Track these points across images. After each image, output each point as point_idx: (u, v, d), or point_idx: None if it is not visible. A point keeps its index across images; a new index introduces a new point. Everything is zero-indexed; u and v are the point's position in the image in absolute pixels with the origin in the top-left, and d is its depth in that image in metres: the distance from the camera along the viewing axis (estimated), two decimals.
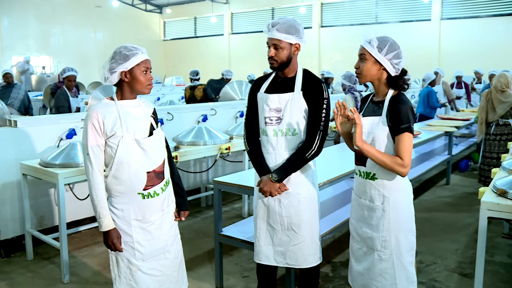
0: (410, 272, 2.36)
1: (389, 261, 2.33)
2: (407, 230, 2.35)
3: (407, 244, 2.34)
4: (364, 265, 2.44)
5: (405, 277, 2.35)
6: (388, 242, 2.32)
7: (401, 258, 2.33)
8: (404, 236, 2.33)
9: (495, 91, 5.49)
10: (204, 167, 5.59)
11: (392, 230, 2.31)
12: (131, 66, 2.15)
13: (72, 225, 4.25)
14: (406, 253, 2.35)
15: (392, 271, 2.34)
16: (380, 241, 2.34)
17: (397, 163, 2.20)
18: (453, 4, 15.91)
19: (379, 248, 2.34)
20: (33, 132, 4.09)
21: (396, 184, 2.31)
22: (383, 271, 2.35)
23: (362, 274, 2.45)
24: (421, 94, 7.98)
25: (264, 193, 2.53)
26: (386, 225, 2.32)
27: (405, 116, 2.20)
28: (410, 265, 2.36)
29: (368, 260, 2.41)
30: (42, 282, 3.52)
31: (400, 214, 2.32)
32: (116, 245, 2.18)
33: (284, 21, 2.47)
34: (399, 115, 2.21)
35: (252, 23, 21.32)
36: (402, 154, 2.20)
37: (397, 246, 2.32)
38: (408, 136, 2.21)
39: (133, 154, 2.16)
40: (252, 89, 2.70)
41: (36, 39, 19.33)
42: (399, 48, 2.25)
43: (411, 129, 2.22)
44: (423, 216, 4.96)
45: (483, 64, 12.26)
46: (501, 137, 5.61)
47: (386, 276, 2.35)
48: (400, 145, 2.21)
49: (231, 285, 3.44)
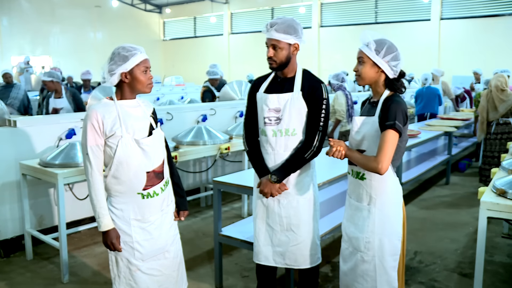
0: (391, 277, 2.33)
1: (371, 263, 2.32)
2: (392, 234, 2.31)
3: (390, 248, 2.31)
4: (349, 265, 2.43)
5: (386, 281, 2.32)
6: (372, 244, 2.30)
7: (384, 261, 2.31)
8: (388, 240, 2.30)
9: (495, 90, 5.50)
10: (204, 167, 5.59)
11: (376, 232, 2.30)
12: (131, 67, 2.15)
13: (72, 225, 4.24)
14: (389, 257, 2.32)
15: (373, 274, 2.32)
16: (363, 242, 2.32)
17: (371, 160, 2.19)
18: (453, 4, 15.91)
19: (362, 249, 2.33)
20: (32, 132, 4.09)
21: (384, 186, 2.29)
22: (364, 272, 2.34)
23: (346, 274, 2.45)
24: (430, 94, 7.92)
25: (265, 195, 2.53)
26: (371, 227, 2.30)
27: (392, 114, 2.19)
28: (392, 270, 2.33)
29: (352, 260, 2.41)
30: (41, 282, 3.52)
31: (386, 217, 2.30)
32: (115, 245, 2.18)
33: (282, 21, 2.47)
34: (387, 113, 2.20)
35: (252, 23, 21.32)
36: (379, 150, 2.19)
37: (380, 249, 2.30)
38: (391, 133, 2.18)
39: (132, 154, 2.16)
40: (252, 89, 2.70)
41: (36, 39, 19.33)
42: (397, 50, 2.25)
43: (396, 127, 2.18)
44: (423, 216, 4.96)
45: (482, 64, 12.26)
46: (502, 136, 5.62)
47: (367, 278, 2.34)
48: (380, 141, 2.21)
49: (231, 285, 3.44)
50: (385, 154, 2.17)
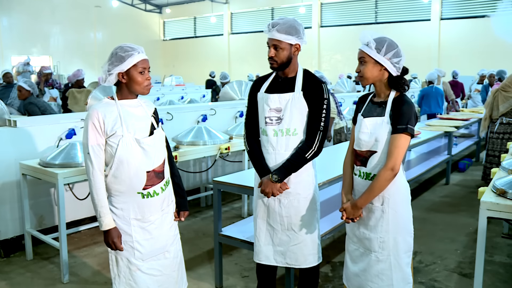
0: (406, 273, 2.36)
1: (386, 262, 2.33)
2: (405, 231, 2.35)
3: (404, 245, 2.34)
4: (360, 266, 2.43)
5: (402, 278, 2.35)
6: (386, 243, 2.32)
7: (399, 259, 2.33)
8: (402, 237, 2.33)
9: (501, 89, 5.53)
10: (204, 167, 5.59)
11: (390, 231, 2.31)
12: (127, 68, 2.15)
13: (72, 225, 4.24)
14: (404, 254, 2.35)
15: (389, 272, 2.33)
16: (378, 242, 2.33)
17: (381, 178, 2.22)
18: (453, 4, 15.93)
19: (377, 249, 2.34)
20: (32, 132, 4.09)
21: (396, 185, 2.30)
22: (380, 272, 2.35)
23: (358, 275, 2.45)
24: (438, 94, 7.96)
25: (266, 195, 2.54)
26: (385, 226, 2.32)
27: (405, 117, 2.20)
28: (406, 266, 2.36)
29: (364, 261, 2.41)
30: (41, 282, 3.52)
31: (399, 215, 2.32)
32: (117, 244, 2.19)
33: (284, 21, 2.47)
34: (400, 116, 2.21)
35: (252, 23, 21.34)
36: (390, 154, 2.21)
37: (395, 247, 2.32)
38: (403, 137, 2.20)
39: (133, 153, 2.16)
40: (252, 89, 2.70)
41: (36, 39, 19.35)
42: (397, 47, 2.24)
43: (409, 131, 2.20)
44: (423, 216, 4.96)
45: (482, 64, 12.27)
46: (504, 135, 5.63)
47: (383, 277, 2.34)
48: (391, 145, 2.22)
49: (231, 285, 3.44)
50: (397, 158, 2.20)
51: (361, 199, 2.30)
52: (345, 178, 2.50)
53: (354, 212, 2.32)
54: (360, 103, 2.47)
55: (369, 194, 2.28)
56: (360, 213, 2.33)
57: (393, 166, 2.20)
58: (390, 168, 2.20)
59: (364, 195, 2.30)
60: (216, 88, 9.55)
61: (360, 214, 2.34)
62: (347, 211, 2.35)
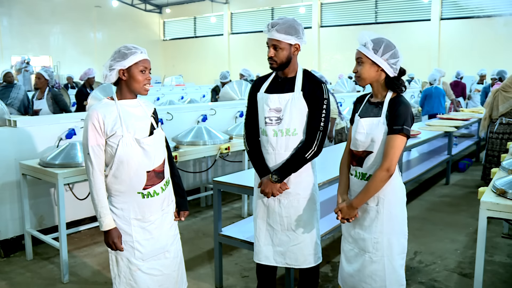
0: (400, 275, 2.35)
1: (380, 263, 2.33)
2: (400, 233, 2.35)
3: (398, 247, 2.34)
4: (355, 266, 2.43)
5: (395, 280, 2.34)
6: (380, 244, 2.32)
7: (392, 260, 2.33)
8: (396, 239, 2.33)
9: (501, 89, 5.53)
10: (204, 167, 5.59)
11: (384, 232, 2.31)
12: (129, 65, 2.16)
13: (72, 225, 4.24)
14: (397, 256, 2.34)
15: (382, 274, 2.33)
16: (372, 242, 2.33)
17: (377, 179, 2.22)
18: (453, 4, 15.92)
19: (371, 250, 2.34)
20: (32, 132, 4.09)
21: (391, 186, 2.30)
22: (373, 273, 2.35)
23: (352, 276, 2.45)
24: (439, 94, 7.96)
25: (266, 195, 2.54)
26: (379, 227, 2.32)
27: (401, 118, 2.20)
28: (400, 268, 2.36)
29: (358, 261, 2.41)
30: (41, 282, 3.52)
31: (394, 216, 2.32)
32: (117, 244, 2.19)
33: (284, 21, 2.47)
34: (396, 117, 2.21)
35: (252, 23, 21.34)
36: (386, 154, 2.21)
37: (389, 248, 2.32)
38: (399, 138, 2.21)
39: (133, 153, 2.16)
40: (252, 89, 2.70)
41: (35, 39, 19.34)
42: (395, 48, 2.25)
43: (404, 132, 2.21)
44: (423, 216, 4.96)
45: (482, 64, 12.26)
46: (503, 135, 5.63)
47: (376, 278, 2.34)
48: (387, 146, 2.22)
49: (231, 285, 3.44)
50: (392, 159, 2.20)
51: (357, 199, 2.31)
52: (342, 178, 2.50)
53: (349, 212, 2.33)
54: (358, 103, 2.47)
55: (365, 194, 2.28)
56: (356, 213, 2.34)
57: (388, 167, 2.20)
58: (385, 168, 2.21)
59: (359, 196, 2.30)
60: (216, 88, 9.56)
61: (355, 214, 2.34)
62: (342, 211, 2.35)
